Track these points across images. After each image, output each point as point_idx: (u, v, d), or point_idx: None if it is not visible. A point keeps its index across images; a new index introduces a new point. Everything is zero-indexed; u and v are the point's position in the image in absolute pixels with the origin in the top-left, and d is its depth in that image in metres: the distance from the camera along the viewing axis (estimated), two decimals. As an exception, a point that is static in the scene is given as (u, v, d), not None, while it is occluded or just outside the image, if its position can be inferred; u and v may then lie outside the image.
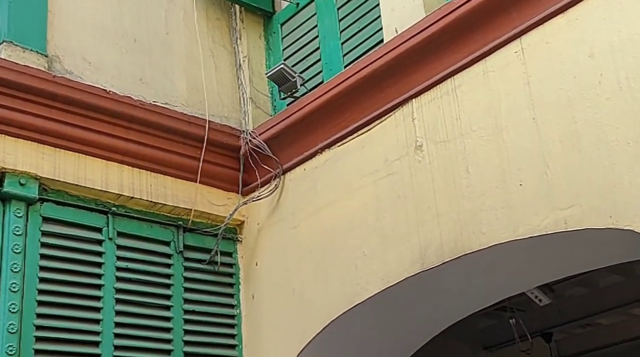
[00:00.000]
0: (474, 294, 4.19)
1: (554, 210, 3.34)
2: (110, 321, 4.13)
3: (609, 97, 3.25)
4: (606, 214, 3.16)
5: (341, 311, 4.20)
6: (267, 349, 4.55)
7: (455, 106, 3.85)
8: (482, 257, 3.68)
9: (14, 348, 3.74)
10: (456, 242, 3.70)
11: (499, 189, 3.57)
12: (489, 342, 8.03)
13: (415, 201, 3.93)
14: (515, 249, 3.57)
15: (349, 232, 4.22)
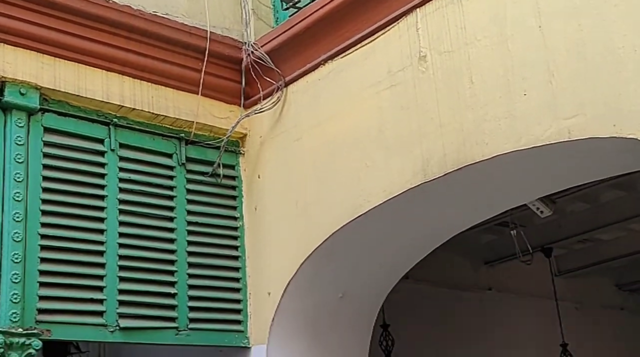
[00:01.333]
0: (477, 206, 4.20)
1: (558, 119, 3.31)
2: (114, 231, 4.17)
3: (616, 4, 3.18)
4: (610, 122, 3.13)
5: (343, 223, 4.22)
6: (269, 260, 4.60)
7: (460, 15, 3.78)
8: (485, 168, 3.67)
9: (19, 256, 3.78)
10: (459, 153, 3.69)
11: (503, 99, 3.54)
12: (490, 257, 8.12)
13: (419, 112, 3.90)
14: (518, 159, 3.56)
15: (351, 144, 4.21)
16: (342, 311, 4.77)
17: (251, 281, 4.66)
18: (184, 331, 4.31)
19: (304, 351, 4.64)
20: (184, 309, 4.33)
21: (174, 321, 4.28)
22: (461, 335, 7.57)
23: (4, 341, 3.59)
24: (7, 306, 3.68)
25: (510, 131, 3.50)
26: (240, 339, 4.54)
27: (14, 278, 3.72)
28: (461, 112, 3.70)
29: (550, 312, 7.75)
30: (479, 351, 7.69)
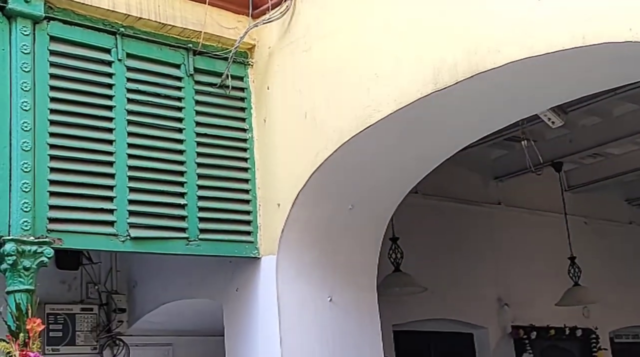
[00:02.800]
0: (488, 115, 4.15)
1: (572, 24, 3.24)
2: (123, 142, 4.16)
3: None
4: (626, 26, 3.06)
5: (353, 133, 4.20)
6: (279, 171, 4.60)
7: None
8: (497, 77, 3.61)
9: (28, 165, 3.78)
10: (470, 61, 3.63)
11: (516, 5, 3.45)
12: (499, 172, 8.11)
13: (429, 21, 3.82)
14: (531, 67, 3.50)
15: (361, 53, 4.15)
16: (352, 223, 4.79)
17: (261, 193, 4.67)
18: (194, 241, 4.34)
19: (313, 261, 4.68)
20: (194, 220, 4.35)
21: (184, 232, 4.31)
22: (470, 249, 7.63)
23: (16, 248, 3.63)
24: (18, 215, 3.70)
25: (523, 38, 3.42)
26: (250, 250, 4.57)
27: (24, 187, 3.74)
28: (473, 19, 3.62)
29: (559, 226, 7.78)
30: (488, 265, 7.76)
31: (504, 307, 7.75)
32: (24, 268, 3.64)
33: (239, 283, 4.76)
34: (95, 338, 5.49)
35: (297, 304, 4.59)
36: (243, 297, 4.73)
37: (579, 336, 8.26)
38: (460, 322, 7.53)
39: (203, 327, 5.76)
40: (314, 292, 4.66)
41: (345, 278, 4.80)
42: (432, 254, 7.24)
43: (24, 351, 3.46)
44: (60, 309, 5.36)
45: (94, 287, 5.62)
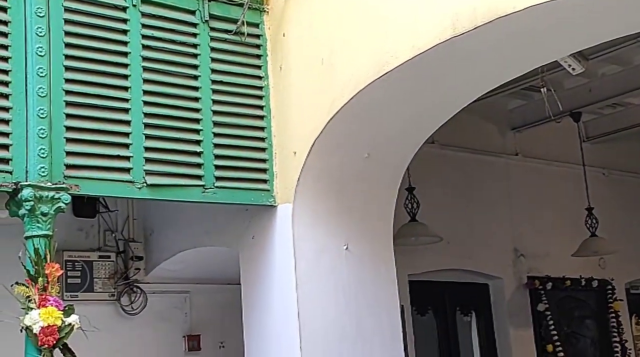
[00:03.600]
0: (507, 62, 4.09)
1: (596, -34, 3.17)
2: (139, 89, 4.14)
3: None
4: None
5: (370, 80, 4.15)
6: (295, 119, 4.57)
7: None
8: (517, 21, 3.54)
9: (44, 111, 3.78)
10: (489, 5, 3.55)
11: (538, -53, 3.37)
12: (517, 122, 8.03)
13: (449, -36, 3.75)
14: (552, 11, 3.42)
15: (378, -1, 4.09)
16: (368, 171, 4.78)
17: (277, 141, 4.65)
18: (210, 189, 4.34)
19: (329, 209, 4.68)
20: (210, 168, 4.35)
21: (200, 179, 4.31)
22: (486, 199, 7.61)
23: (34, 194, 3.65)
24: (36, 161, 3.71)
25: (544, -19, 3.35)
26: (266, 198, 4.57)
27: (40, 133, 3.74)
28: (493, -38, 3.55)
29: (577, 177, 7.73)
30: (504, 216, 7.74)
31: (520, 257, 7.75)
32: (42, 214, 3.66)
33: (255, 231, 4.78)
34: (113, 285, 5.55)
35: (313, 252, 4.60)
36: (259, 245, 4.75)
37: (595, 287, 8.26)
38: (475, 272, 7.54)
39: (220, 275, 5.80)
40: (330, 241, 4.67)
41: (361, 227, 4.80)
42: (448, 204, 7.22)
43: (43, 295, 3.50)
44: (78, 256, 5.41)
45: (111, 235, 5.66)
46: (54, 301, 3.51)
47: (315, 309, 4.53)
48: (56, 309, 3.48)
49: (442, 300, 7.48)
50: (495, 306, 7.74)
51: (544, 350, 7.73)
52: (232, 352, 5.80)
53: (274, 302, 4.64)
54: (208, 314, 6.00)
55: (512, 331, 7.62)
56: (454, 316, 7.57)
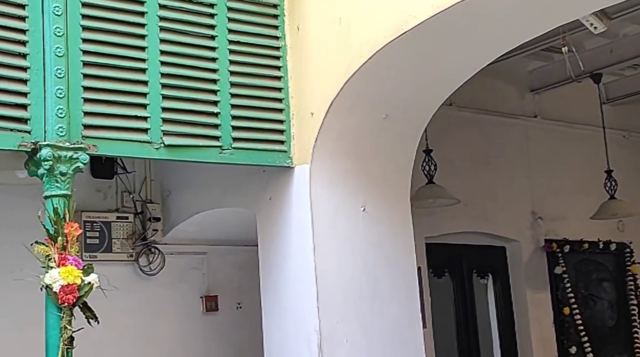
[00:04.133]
0: (529, 20, 4.02)
1: None
2: (156, 49, 4.12)
3: None
4: None
5: (388, 40, 4.11)
6: (312, 80, 4.54)
7: None
8: (538, -22, 3.50)
9: (62, 71, 3.77)
10: (511, -38, 3.51)
11: None
12: (536, 84, 7.95)
13: None
14: (574, -32, 3.37)
15: (397, -44, 4.03)
16: (386, 133, 4.76)
17: (294, 102, 4.62)
18: (227, 150, 4.34)
19: (347, 171, 4.67)
20: (227, 128, 4.34)
21: (217, 140, 4.31)
22: (504, 162, 7.56)
23: (52, 154, 3.66)
24: (54, 121, 3.71)
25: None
26: (283, 159, 4.57)
27: (58, 93, 3.74)
28: None
29: (597, 140, 7.64)
30: (522, 178, 7.71)
31: (538, 220, 7.73)
32: (60, 173, 3.67)
33: (273, 192, 4.78)
34: (131, 246, 5.58)
35: (331, 213, 4.61)
36: (276, 207, 4.75)
37: (613, 250, 8.23)
38: (492, 235, 7.53)
39: (237, 237, 5.83)
40: (347, 202, 4.67)
41: (378, 188, 4.79)
42: (465, 167, 7.19)
43: (62, 254, 3.52)
44: (97, 217, 5.43)
45: (128, 196, 5.68)
46: (73, 260, 3.53)
47: (332, 269, 4.54)
48: (75, 268, 3.50)
49: (459, 263, 7.49)
50: (512, 268, 7.74)
51: (561, 313, 7.74)
52: (249, 313, 5.84)
53: (291, 263, 4.66)
54: (225, 275, 6.04)
55: (529, 294, 7.62)
56: (471, 278, 7.58)
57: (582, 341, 7.77)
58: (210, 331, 5.89)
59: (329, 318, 4.44)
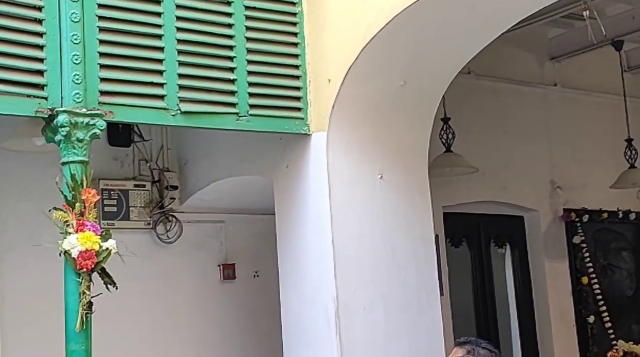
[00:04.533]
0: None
1: None
2: (172, 15, 4.10)
3: None
4: None
5: (406, 5, 4.07)
6: (330, 47, 4.51)
7: None
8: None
9: (78, 37, 3.75)
10: None
11: None
12: (556, 52, 7.84)
13: None
14: None
15: None
16: (403, 100, 4.72)
17: (311, 69, 4.59)
18: (244, 117, 4.32)
19: (364, 138, 4.65)
20: (244, 95, 4.31)
21: (234, 107, 4.29)
22: (523, 131, 7.49)
23: (69, 120, 3.65)
24: (70, 87, 3.70)
25: None
26: (300, 127, 4.54)
27: (74, 59, 3.72)
28: None
29: (618, 109, 7.54)
30: (541, 147, 7.63)
31: (557, 190, 7.67)
32: (78, 140, 3.67)
33: (290, 160, 4.76)
34: (149, 214, 5.59)
35: (348, 181, 4.59)
36: (294, 175, 4.74)
37: (633, 220, 8.16)
38: (511, 205, 7.48)
39: (254, 206, 5.82)
40: (364, 170, 4.65)
41: (396, 156, 4.77)
42: (484, 135, 7.13)
43: (80, 221, 3.53)
44: (115, 185, 5.44)
45: (146, 164, 5.67)
46: (91, 226, 3.54)
47: (350, 237, 4.54)
48: (94, 234, 3.51)
49: (477, 232, 7.45)
50: (530, 238, 7.70)
51: (579, 282, 7.71)
52: (266, 282, 5.86)
53: (308, 231, 4.65)
54: (243, 243, 6.05)
55: (547, 264, 7.58)
56: (489, 248, 7.55)
57: (601, 310, 7.74)
58: (228, 299, 5.91)
59: (347, 286, 4.44)
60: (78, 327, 3.49)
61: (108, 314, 3.92)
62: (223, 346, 5.81)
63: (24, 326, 4.94)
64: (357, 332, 4.42)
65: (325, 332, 4.40)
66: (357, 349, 4.35)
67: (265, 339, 5.77)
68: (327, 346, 4.39)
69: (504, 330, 7.48)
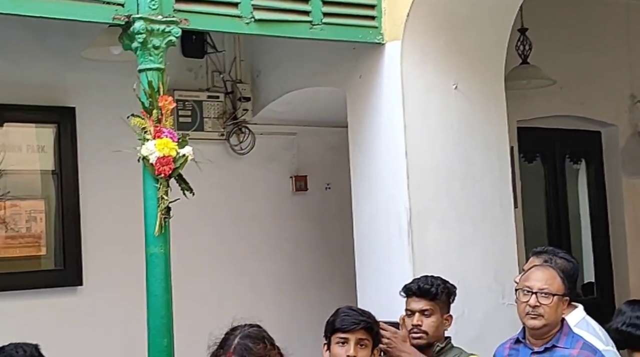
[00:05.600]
0: None
1: None
2: None
3: None
4: None
5: None
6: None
7: None
8: None
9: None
10: None
11: None
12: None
13: None
14: None
15: None
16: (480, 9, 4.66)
17: (385, -25, 4.49)
18: (317, 26, 4.27)
19: (439, 47, 4.57)
20: (317, 3, 4.25)
21: (307, 15, 4.24)
22: (603, 43, 7.22)
23: (145, 27, 3.66)
24: (146, -6, 3.71)
25: None
26: (374, 35, 4.48)
27: (148, -34, 3.71)
28: None
29: None
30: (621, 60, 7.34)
31: (637, 104, 7.42)
32: (154, 47, 3.68)
33: (363, 70, 4.71)
34: (222, 125, 5.63)
35: (422, 90, 4.54)
36: (367, 85, 4.70)
37: None
38: (588, 119, 7.29)
39: (327, 118, 5.82)
40: (439, 79, 4.58)
41: (471, 66, 4.68)
42: (562, 47, 6.90)
43: (157, 127, 3.58)
44: (188, 96, 5.48)
45: (219, 76, 5.69)
46: (168, 133, 3.59)
47: (423, 148, 4.51)
48: (170, 140, 3.56)
49: (552, 147, 7.31)
50: (607, 154, 7.53)
51: (655, 198, 7.55)
52: (338, 193, 5.89)
53: (381, 143, 4.63)
54: (315, 156, 6.07)
55: (624, 180, 7.42)
56: (563, 163, 7.42)
57: (677, 224, 7.58)
58: (299, 211, 5.97)
59: (420, 196, 4.44)
60: (157, 231, 3.57)
61: (184, 221, 4.01)
62: (296, 257, 5.91)
63: (104, 230, 5.09)
64: (429, 243, 4.43)
65: (397, 242, 4.43)
66: (429, 260, 4.36)
67: (337, 250, 5.84)
68: (399, 256, 4.42)
69: (576, 245, 7.42)
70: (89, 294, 5.03)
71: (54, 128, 5.03)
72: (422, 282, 3.64)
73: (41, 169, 5.03)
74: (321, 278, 5.90)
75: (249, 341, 2.75)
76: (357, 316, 3.23)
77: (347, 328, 3.19)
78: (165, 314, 3.57)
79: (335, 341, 3.22)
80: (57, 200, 5.00)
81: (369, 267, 4.67)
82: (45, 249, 4.97)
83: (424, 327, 3.57)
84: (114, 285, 5.06)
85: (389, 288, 4.20)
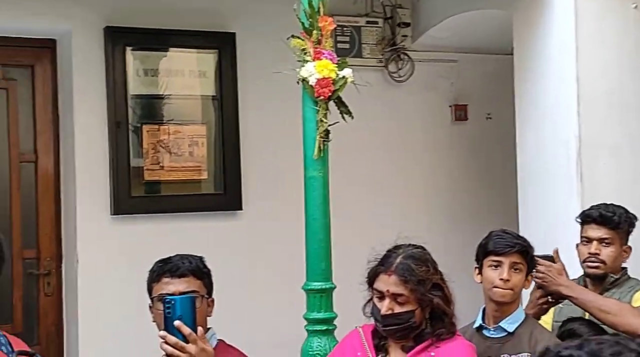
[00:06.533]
0: None
1: None
2: None
3: None
4: None
5: None
6: None
7: None
8: None
9: None
10: None
11: None
12: None
13: None
14: None
15: None
16: None
17: None
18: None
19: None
20: None
21: None
22: None
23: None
24: None
25: None
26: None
27: None
28: None
29: None
30: None
31: None
32: (314, -34, 3.57)
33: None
34: (381, 51, 5.50)
35: (596, 12, 4.24)
36: (535, 7, 4.43)
37: None
38: None
39: (489, 44, 5.58)
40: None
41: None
42: None
43: (317, 49, 3.50)
44: (347, 21, 5.37)
45: (378, 0, 5.53)
46: (328, 55, 3.49)
47: (596, 74, 4.22)
48: (330, 62, 3.47)
49: None
50: None
51: None
52: (499, 124, 5.67)
53: (549, 68, 4.38)
54: (475, 84, 5.84)
55: None
56: None
57: None
58: (459, 140, 5.80)
59: (590, 125, 4.18)
60: (315, 153, 3.51)
61: (343, 146, 3.95)
62: (454, 187, 5.76)
63: (263, 155, 5.14)
64: (599, 174, 4.17)
65: (565, 173, 4.20)
66: (599, 192, 4.10)
67: (497, 181, 5.65)
68: (566, 187, 4.20)
69: None
70: (249, 219, 5.11)
71: (215, 53, 5.08)
72: (603, 210, 3.40)
73: (202, 94, 5.10)
74: (479, 209, 5.72)
75: (412, 261, 2.64)
76: (512, 239, 3.05)
77: (501, 251, 3.02)
78: (324, 237, 3.53)
79: (488, 264, 3.05)
80: (217, 125, 5.07)
81: (532, 198, 4.47)
82: (207, 173, 5.07)
83: (602, 257, 3.35)
84: (272, 210, 5.11)
85: (553, 220, 4.00)
